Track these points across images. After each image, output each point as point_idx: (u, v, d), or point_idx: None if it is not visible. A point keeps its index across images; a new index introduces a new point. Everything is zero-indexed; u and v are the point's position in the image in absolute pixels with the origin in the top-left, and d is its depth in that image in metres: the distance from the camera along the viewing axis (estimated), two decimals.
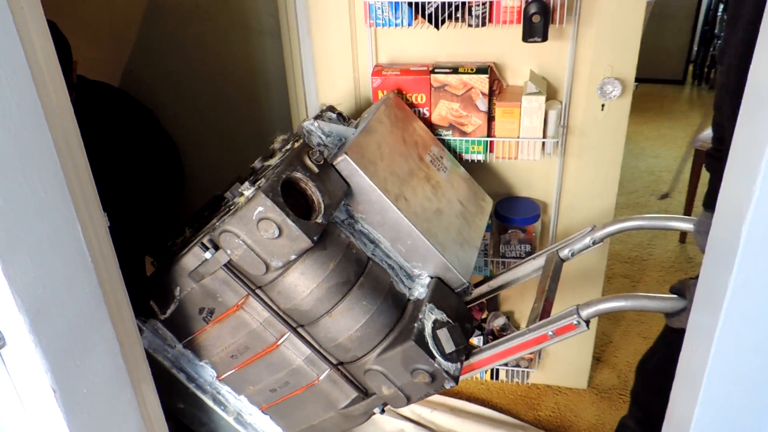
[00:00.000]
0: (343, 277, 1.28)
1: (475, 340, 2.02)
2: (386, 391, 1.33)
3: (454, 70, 1.69)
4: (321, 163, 1.30)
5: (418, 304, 1.36)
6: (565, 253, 1.55)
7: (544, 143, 1.73)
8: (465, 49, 1.77)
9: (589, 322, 1.25)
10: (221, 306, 1.34)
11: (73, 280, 0.92)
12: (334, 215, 1.35)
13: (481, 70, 1.68)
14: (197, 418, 1.55)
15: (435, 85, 1.71)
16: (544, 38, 1.57)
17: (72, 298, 0.92)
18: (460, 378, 1.33)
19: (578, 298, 1.29)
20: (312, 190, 1.25)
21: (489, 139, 1.75)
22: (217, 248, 1.24)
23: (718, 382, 0.81)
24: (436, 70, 1.70)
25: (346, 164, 1.34)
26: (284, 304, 1.29)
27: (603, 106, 1.74)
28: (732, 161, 0.76)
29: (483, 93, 1.69)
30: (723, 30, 4.77)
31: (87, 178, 0.99)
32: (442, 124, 1.76)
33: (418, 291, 1.40)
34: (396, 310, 1.34)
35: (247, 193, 1.20)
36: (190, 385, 1.48)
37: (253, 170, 1.44)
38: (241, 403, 1.53)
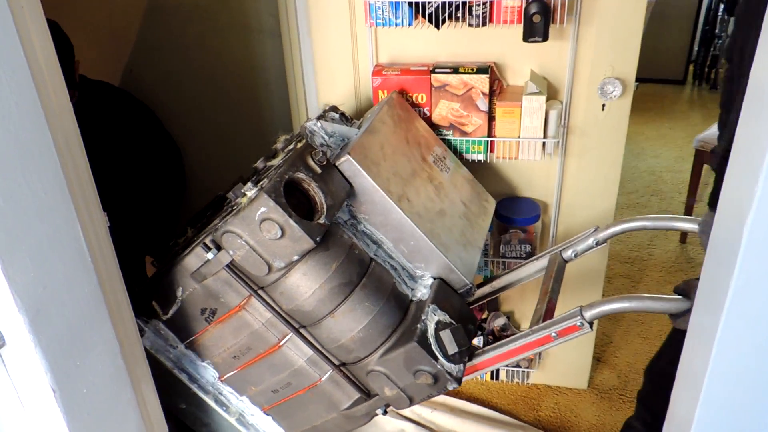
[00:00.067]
0: (346, 277, 1.28)
1: (475, 340, 2.01)
2: (389, 392, 1.33)
3: (455, 70, 1.69)
4: (324, 163, 1.29)
5: (421, 305, 1.36)
6: (568, 254, 1.54)
7: (544, 143, 1.73)
8: (465, 48, 1.77)
9: (592, 324, 1.25)
10: (223, 306, 1.34)
11: (73, 280, 0.92)
12: (337, 216, 1.35)
13: (481, 70, 1.68)
14: (199, 419, 1.55)
15: (435, 84, 1.70)
16: (545, 38, 1.57)
17: (72, 298, 0.92)
18: (463, 379, 1.33)
19: (578, 299, 1.29)
20: (315, 190, 1.25)
21: (489, 139, 1.75)
22: (219, 249, 1.23)
23: (719, 382, 0.81)
24: (436, 70, 1.70)
25: (348, 165, 1.33)
26: (286, 304, 1.28)
27: (603, 106, 1.73)
28: (733, 161, 0.76)
29: (483, 93, 1.68)
30: (730, 28, 4.75)
31: (87, 178, 0.99)
32: (442, 124, 1.75)
33: (421, 292, 1.40)
34: (399, 311, 1.34)
35: (250, 193, 1.20)
36: (192, 386, 1.48)
37: (256, 170, 1.43)
38: (243, 404, 1.53)
